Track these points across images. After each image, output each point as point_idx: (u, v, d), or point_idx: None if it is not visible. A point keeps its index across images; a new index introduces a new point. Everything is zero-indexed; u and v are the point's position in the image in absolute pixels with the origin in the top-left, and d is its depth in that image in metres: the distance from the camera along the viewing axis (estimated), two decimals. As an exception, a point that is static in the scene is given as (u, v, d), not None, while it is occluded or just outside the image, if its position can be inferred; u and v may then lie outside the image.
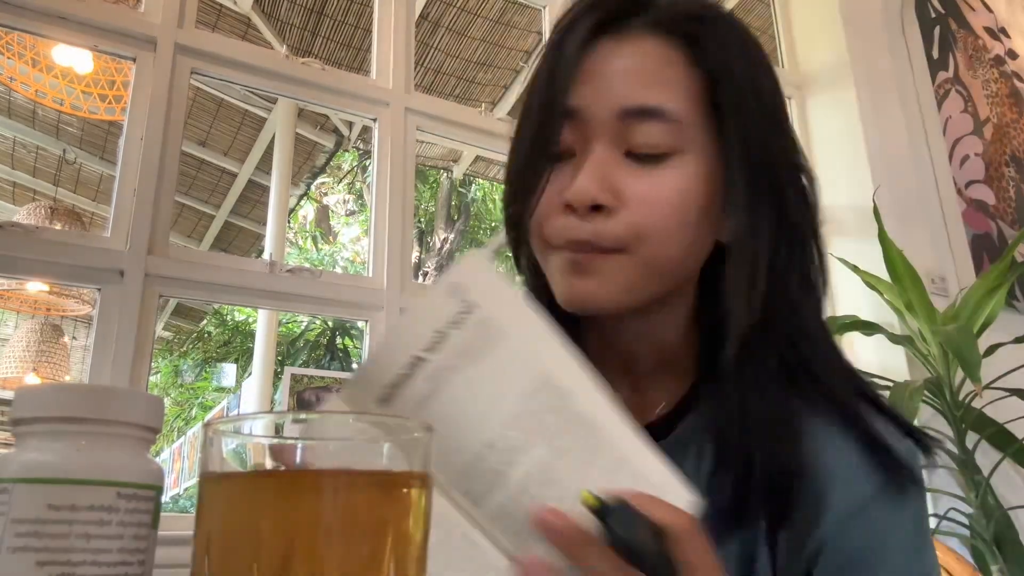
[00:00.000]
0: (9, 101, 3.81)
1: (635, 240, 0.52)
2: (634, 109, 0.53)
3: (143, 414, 0.40)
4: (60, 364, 3.83)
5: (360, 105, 1.79)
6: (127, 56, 1.54)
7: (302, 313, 6.45)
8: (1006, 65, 2.96)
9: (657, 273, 0.54)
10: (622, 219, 0.52)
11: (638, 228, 0.52)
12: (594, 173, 0.52)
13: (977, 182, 2.58)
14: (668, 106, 0.53)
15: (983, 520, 1.69)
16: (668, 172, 0.53)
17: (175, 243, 1.50)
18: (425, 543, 0.36)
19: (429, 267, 7.13)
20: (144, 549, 0.38)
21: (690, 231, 0.54)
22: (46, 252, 1.35)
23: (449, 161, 4.33)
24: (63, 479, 0.36)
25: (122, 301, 1.37)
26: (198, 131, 3.85)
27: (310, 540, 0.33)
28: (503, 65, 3.26)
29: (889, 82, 2.47)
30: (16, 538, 0.35)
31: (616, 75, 0.54)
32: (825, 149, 2.45)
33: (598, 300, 0.54)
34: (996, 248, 2.49)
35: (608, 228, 0.52)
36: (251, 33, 3.03)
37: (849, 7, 2.51)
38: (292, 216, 7.65)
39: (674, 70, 0.54)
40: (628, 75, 0.54)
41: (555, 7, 2.17)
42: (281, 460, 0.35)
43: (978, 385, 1.49)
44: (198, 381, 8.13)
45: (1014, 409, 1.72)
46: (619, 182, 0.53)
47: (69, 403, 0.38)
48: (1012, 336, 1.80)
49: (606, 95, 0.53)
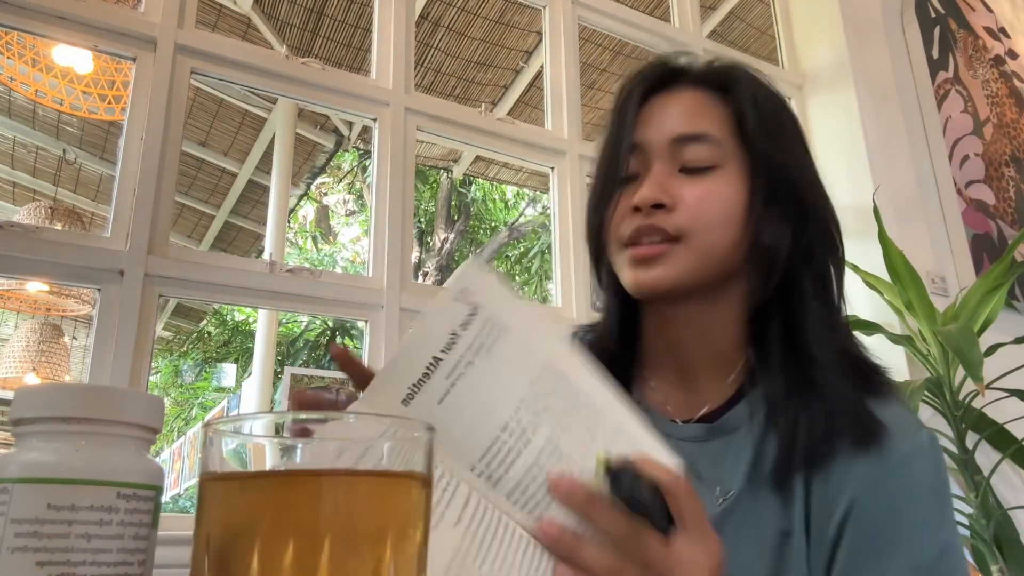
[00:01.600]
0: (9, 101, 3.81)
1: (689, 230, 0.66)
2: (684, 135, 0.69)
3: (143, 414, 0.40)
4: (60, 364, 3.83)
5: (360, 105, 1.79)
6: (127, 56, 1.54)
7: (302, 313, 6.45)
8: (1006, 65, 2.96)
9: (706, 261, 0.67)
10: (679, 213, 0.66)
11: (691, 220, 0.66)
12: (655, 182, 0.68)
13: (977, 182, 2.58)
14: (710, 131, 0.69)
15: (983, 520, 1.69)
16: (713, 180, 0.68)
17: (175, 243, 1.50)
18: (425, 543, 0.36)
19: (429, 267, 7.12)
20: (144, 549, 0.38)
21: (731, 227, 0.67)
22: (46, 252, 1.35)
23: (449, 161, 4.33)
24: (63, 479, 0.36)
25: (122, 301, 1.37)
26: (198, 131, 3.85)
27: (310, 540, 0.33)
28: (503, 65, 3.26)
29: (889, 82, 2.47)
30: (16, 538, 0.35)
31: (667, 116, 0.70)
32: (825, 149, 2.45)
33: (659, 284, 0.67)
34: (996, 248, 2.49)
35: (668, 220, 0.66)
36: (251, 33, 3.03)
37: (849, 7, 2.51)
38: (292, 216, 7.66)
39: (711, 109, 0.70)
40: (677, 114, 0.70)
41: (555, 7, 2.17)
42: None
43: (980, 384, 1.49)
44: (198, 381, 8.13)
45: (1014, 409, 1.72)
46: (675, 188, 0.67)
47: (69, 403, 0.38)
48: (1012, 336, 1.80)
49: (661, 130, 0.70)
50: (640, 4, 2.75)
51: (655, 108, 0.71)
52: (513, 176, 4.32)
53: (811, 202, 0.71)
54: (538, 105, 3.15)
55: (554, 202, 2.00)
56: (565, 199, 1.98)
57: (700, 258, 0.66)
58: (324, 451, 0.36)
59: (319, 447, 0.36)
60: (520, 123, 1.99)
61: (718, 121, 0.70)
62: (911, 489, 0.62)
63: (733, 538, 0.58)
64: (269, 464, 0.36)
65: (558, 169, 2.01)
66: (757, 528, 0.64)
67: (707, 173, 0.68)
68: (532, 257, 7.83)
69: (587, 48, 3.12)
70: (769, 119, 0.70)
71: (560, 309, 1.90)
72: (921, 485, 0.62)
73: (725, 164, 0.68)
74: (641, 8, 2.61)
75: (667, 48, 2.40)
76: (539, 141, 1.99)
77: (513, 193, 8.08)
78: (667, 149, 0.69)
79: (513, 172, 4.20)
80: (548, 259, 7.04)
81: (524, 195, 8.07)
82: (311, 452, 0.36)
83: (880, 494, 0.61)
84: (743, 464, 0.67)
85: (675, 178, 0.68)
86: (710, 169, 0.68)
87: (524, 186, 5.51)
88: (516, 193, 8.05)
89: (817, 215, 0.71)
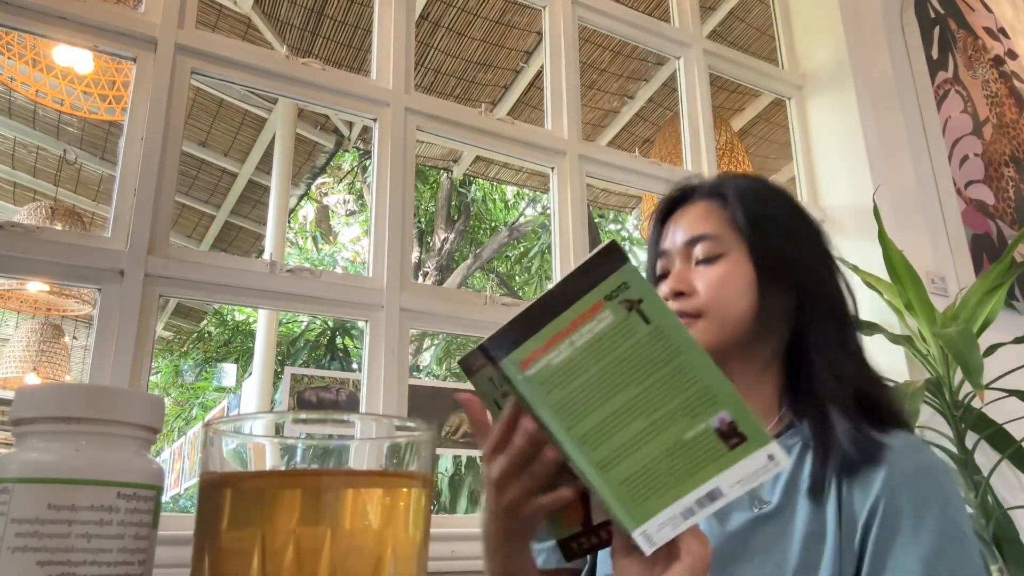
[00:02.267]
0: (9, 101, 3.81)
1: (706, 308, 0.84)
2: (693, 238, 0.88)
3: (143, 414, 0.40)
4: (60, 364, 3.83)
5: (360, 105, 1.79)
6: (127, 56, 1.54)
7: (302, 313, 6.45)
8: (1006, 65, 2.96)
9: (725, 328, 0.84)
10: (697, 297, 0.85)
11: (707, 300, 0.84)
12: (675, 276, 0.88)
13: (977, 182, 2.58)
14: (711, 231, 0.87)
15: (983, 520, 1.69)
16: (719, 267, 0.86)
17: (175, 243, 1.50)
18: (425, 543, 0.36)
19: (429, 267, 7.12)
20: (144, 549, 0.38)
21: (741, 300, 0.85)
22: (46, 252, 1.35)
23: (449, 161, 4.33)
24: (63, 479, 0.36)
25: (122, 301, 1.37)
26: (198, 131, 3.85)
27: (310, 540, 0.33)
28: (503, 65, 3.26)
29: (889, 82, 2.47)
30: (16, 538, 0.35)
31: (680, 226, 0.90)
32: (825, 149, 2.45)
33: None
34: (996, 248, 2.49)
35: (689, 303, 0.85)
36: (251, 33, 3.03)
37: (849, 7, 2.51)
38: (292, 216, 7.65)
39: (712, 214, 0.89)
40: (687, 224, 0.90)
41: (555, 7, 2.17)
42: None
43: (980, 390, 1.49)
44: (198, 381, 8.13)
45: (1014, 409, 1.72)
46: (692, 278, 0.87)
47: (69, 403, 0.38)
48: (1012, 336, 1.80)
49: (675, 238, 0.90)
50: (640, 4, 2.75)
51: (674, 222, 0.92)
52: (513, 176, 4.32)
53: (806, 272, 0.87)
54: (538, 105, 3.15)
55: (554, 202, 2.00)
56: (565, 199, 1.98)
57: (720, 327, 0.84)
58: (325, 451, 0.36)
59: (320, 447, 0.36)
60: (520, 123, 1.99)
61: (717, 222, 0.88)
62: (918, 495, 0.74)
63: (765, 540, 0.76)
64: (269, 464, 0.36)
65: (558, 169, 2.01)
66: (790, 529, 0.76)
67: (715, 262, 0.86)
68: (532, 257, 7.83)
69: (587, 48, 3.12)
70: (758, 214, 0.87)
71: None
72: (924, 492, 0.74)
73: (729, 252, 0.86)
74: (641, 8, 2.61)
75: (667, 48, 2.40)
76: (539, 141, 2.00)
77: (513, 193, 8.08)
78: (683, 251, 0.89)
79: (513, 172, 4.20)
80: (548, 259, 7.04)
81: (524, 195, 8.07)
82: (311, 452, 0.36)
83: (894, 500, 0.73)
84: (781, 481, 0.80)
85: (691, 271, 0.87)
86: (717, 258, 0.86)
87: (524, 186, 5.50)
88: (516, 193, 8.05)
89: (813, 281, 0.87)
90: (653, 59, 3.27)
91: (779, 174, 3.77)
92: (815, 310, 0.86)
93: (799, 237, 0.90)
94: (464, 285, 6.93)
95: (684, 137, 2.33)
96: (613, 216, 8.17)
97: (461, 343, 6.88)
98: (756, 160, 3.64)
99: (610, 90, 3.41)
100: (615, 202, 4.66)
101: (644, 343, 0.52)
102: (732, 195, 0.89)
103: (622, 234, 8.51)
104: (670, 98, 3.35)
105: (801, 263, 0.88)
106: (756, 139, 3.69)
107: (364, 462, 0.36)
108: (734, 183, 0.92)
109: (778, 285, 0.85)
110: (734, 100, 3.48)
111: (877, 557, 0.72)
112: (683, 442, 0.52)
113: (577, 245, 1.94)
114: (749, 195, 0.90)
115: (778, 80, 2.55)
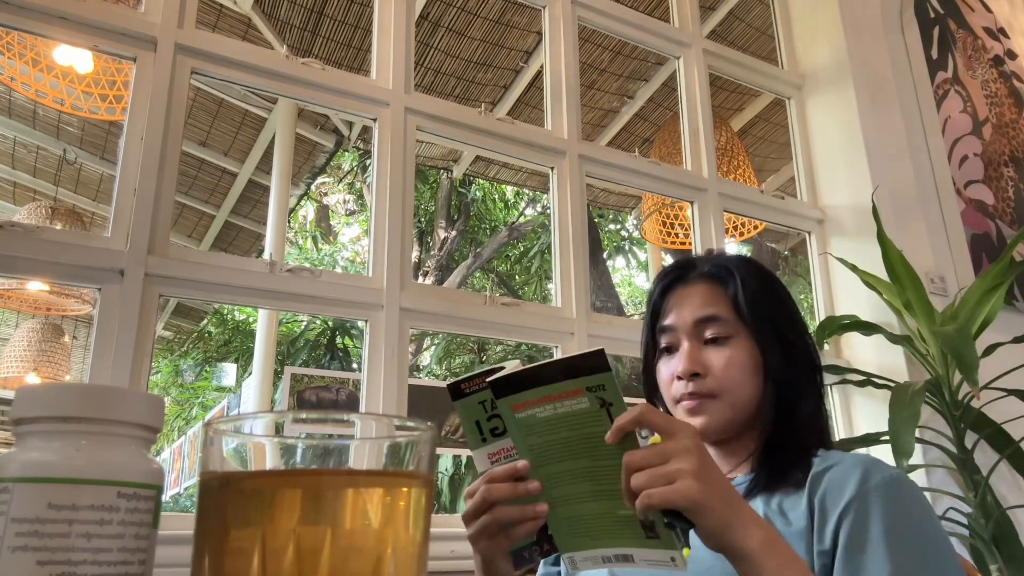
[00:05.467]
0: (9, 101, 3.81)
1: (720, 390, 0.92)
2: (703, 317, 0.94)
3: (143, 414, 0.40)
4: (60, 364, 3.83)
5: (360, 105, 1.79)
6: (127, 56, 1.54)
7: (302, 313, 6.44)
8: (1005, 65, 2.96)
9: (738, 408, 0.92)
10: (711, 378, 0.92)
11: (721, 383, 0.92)
12: (689, 357, 0.93)
13: (976, 182, 2.58)
14: (720, 313, 0.94)
15: (982, 519, 1.69)
16: (730, 348, 0.93)
17: (175, 243, 1.50)
18: (425, 543, 0.36)
19: (429, 267, 7.12)
20: (144, 548, 0.39)
21: (752, 379, 0.93)
22: (46, 252, 1.35)
23: (449, 161, 4.33)
24: (63, 479, 0.36)
25: (122, 301, 1.37)
26: (198, 131, 3.85)
27: (310, 539, 0.33)
28: (503, 65, 3.26)
29: (888, 82, 2.47)
30: (16, 537, 0.35)
31: (687, 304, 0.96)
32: (825, 149, 2.45)
33: (708, 430, 0.93)
34: (995, 248, 2.49)
35: (704, 385, 0.92)
36: (251, 33, 3.03)
37: (849, 7, 2.52)
38: (292, 216, 7.65)
39: (717, 296, 0.96)
40: (695, 304, 0.95)
41: (555, 7, 2.17)
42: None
43: (976, 389, 1.49)
44: (198, 381, 8.12)
45: (1013, 409, 1.72)
46: (704, 359, 0.93)
47: (69, 403, 0.38)
48: (1011, 336, 1.80)
49: (683, 314, 0.95)
50: (640, 4, 2.75)
51: (678, 297, 0.97)
52: (513, 176, 4.32)
53: (797, 338, 0.96)
54: (538, 105, 3.15)
55: (554, 202, 2.00)
56: (565, 199, 1.98)
57: (732, 409, 0.92)
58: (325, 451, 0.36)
59: (320, 446, 0.36)
60: (520, 123, 1.99)
61: (723, 305, 0.95)
62: (879, 507, 0.80)
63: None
64: (269, 464, 0.36)
65: (558, 169, 2.02)
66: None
67: (725, 343, 0.93)
68: (532, 257, 7.83)
69: (587, 48, 3.12)
70: (757, 297, 0.95)
71: (560, 309, 1.90)
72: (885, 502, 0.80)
73: (736, 335, 0.93)
74: (641, 8, 2.61)
75: (667, 48, 2.40)
76: (539, 141, 2.00)
77: (513, 193, 8.08)
78: (692, 329, 0.94)
79: (513, 172, 4.20)
80: (548, 259, 7.03)
81: (524, 195, 8.07)
82: (311, 452, 0.36)
83: (858, 510, 0.80)
84: (748, 479, 0.90)
85: (702, 350, 0.93)
86: (727, 339, 0.93)
87: (524, 186, 5.50)
88: (516, 193, 8.05)
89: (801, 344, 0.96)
90: (653, 59, 3.27)
91: (778, 174, 3.78)
92: (800, 366, 0.95)
93: (788, 306, 0.99)
94: (464, 285, 6.93)
95: (684, 137, 2.33)
96: (613, 216, 8.17)
97: (461, 343, 6.88)
98: (756, 160, 3.64)
99: (610, 90, 3.41)
100: (615, 202, 4.67)
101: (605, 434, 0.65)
102: (734, 280, 0.96)
103: (622, 234, 8.51)
104: (670, 98, 3.35)
105: (794, 334, 0.96)
106: (755, 139, 3.69)
107: (364, 462, 0.36)
108: (732, 265, 0.99)
109: (774, 352, 0.93)
110: (734, 100, 3.48)
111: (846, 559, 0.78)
112: (615, 514, 0.67)
113: (577, 245, 1.94)
114: (747, 279, 0.96)
115: (778, 80, 2.55)
